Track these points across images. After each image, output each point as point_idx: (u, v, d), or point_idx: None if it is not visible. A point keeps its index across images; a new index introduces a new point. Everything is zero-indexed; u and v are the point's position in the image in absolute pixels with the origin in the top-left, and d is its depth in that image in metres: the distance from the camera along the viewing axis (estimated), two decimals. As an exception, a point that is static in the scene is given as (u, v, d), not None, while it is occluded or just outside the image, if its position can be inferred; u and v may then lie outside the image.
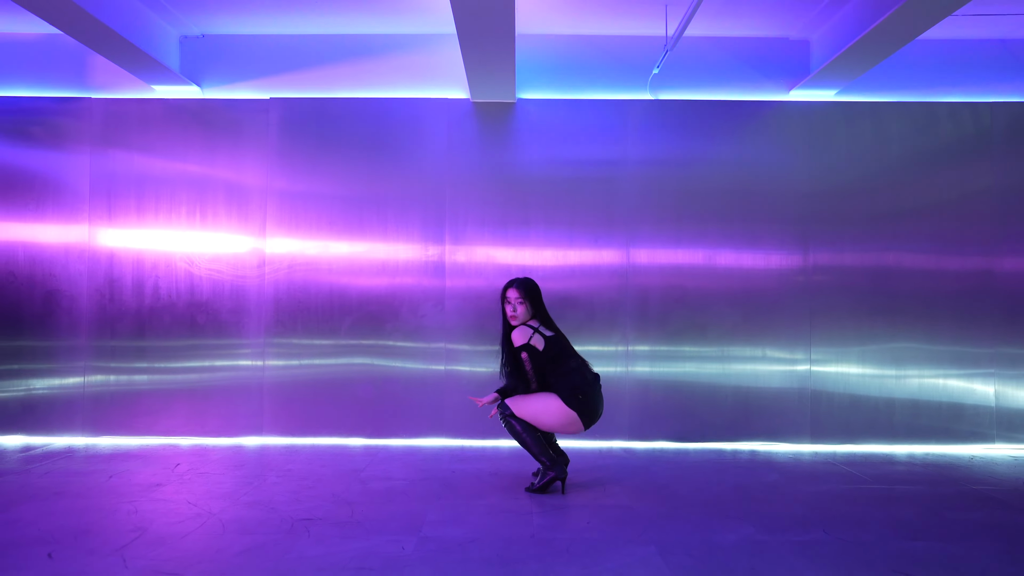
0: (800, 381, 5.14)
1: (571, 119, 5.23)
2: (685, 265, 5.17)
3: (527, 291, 3.94)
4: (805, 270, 5.16)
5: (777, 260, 5.17)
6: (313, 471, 4.25)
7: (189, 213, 5.20)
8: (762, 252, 5.17)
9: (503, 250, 5.17)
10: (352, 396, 5.17)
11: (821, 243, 5.16)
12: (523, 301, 3.91)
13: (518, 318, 3.91)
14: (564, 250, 5.13)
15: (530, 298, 3.93)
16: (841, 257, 5.17)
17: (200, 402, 5.18)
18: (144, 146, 5.21)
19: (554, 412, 3.77)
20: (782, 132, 5.19)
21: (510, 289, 3.95)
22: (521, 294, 3.92)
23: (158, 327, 5.18)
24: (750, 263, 5.17)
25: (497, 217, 5.16)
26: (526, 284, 3.96)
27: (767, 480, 4.14)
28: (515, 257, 5.16)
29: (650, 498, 3.71)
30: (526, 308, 3.92)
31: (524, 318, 3.92)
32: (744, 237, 5.17)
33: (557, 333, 3.94)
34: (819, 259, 5.16)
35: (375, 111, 5.23)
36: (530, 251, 5.17)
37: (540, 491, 3.80)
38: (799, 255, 5.17)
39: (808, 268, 5.16)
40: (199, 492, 3.73)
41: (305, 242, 5.19)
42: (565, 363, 3.84)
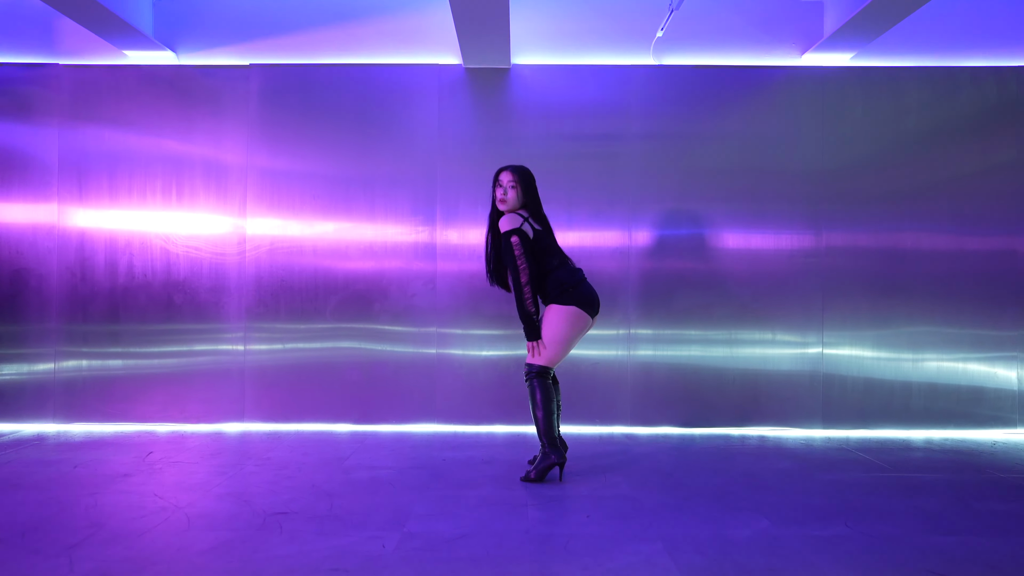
0: (812, 364, 4.87)
1: (569, 86, 4.92)
2: (690, 245, 4.88)
3: (521, 176, 3.66)
4: (817, 251, 4.87)
5: (788, 241, 4.88)
6: (294, 459, 3.98)
7: (165, 190, 4.90)
8: (772, 232, 4.87)
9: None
10: (339, 380, 4.90)
11: (835, 222, 4.87)
12: (515, 186, 3.63)
13: (507, 203, 3.63)
14: (563, 232, 4.83)
15: (523, 184, 3.65)
16: (855, 237, 4.87)
17: (179, 387, 4.91)
18: (117, 117, 4.90)
19: (559, 323, 3.56)
20: (794, 101, 4.89)
21: (503, 172, 3.67)
22: (514, 178, 3.64)
23: (133, 308, 4.90)
24: (759, 243, 4.88)
25: (489, 196, 4.85)
26: (520, 168, 3.69)
27: (779, 467, 3.88)
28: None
29: (655, 488, 3.45)
30: (517, 194, 3.63)
31: (514, 204, 3.63)
32: (753, 216, 4.87)
33: (547, 228, 3.70)
34: (832, 240, 4.87)
35: (362, 78, 4.92)
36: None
37: (537, 479, 3.53)
38: (811, 235, 4.87)
39: (821, 249, 4.86)
40: (168, 483, 3.47)
41: (288, 221, 4.90)
42: (548, 261, 3.62)
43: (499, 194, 3.64)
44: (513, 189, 3.62)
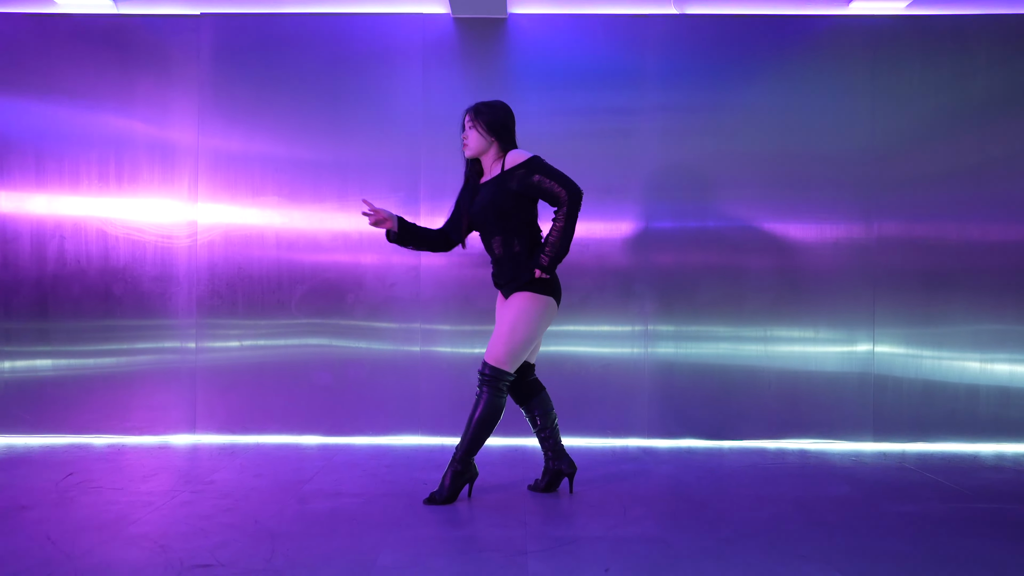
0: (861, 365, 4.14)
1: (576, 44, 4.19)
2: (718, 237, 4.15)
3: (476, 112, 3.02)
4: (867, 241, 4.13)
5: (833, 231, 4.15)
6: (243, 483, 3.27)
7: (102, 169, 4.16)
8: (814, 221, 4.14)
9: None
10: (306, 384, 4.18)
11: (888, 208, 4.13)
12: (473, 125, 3.01)
13: (469, 147, 3.05)
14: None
15: (485, 120, 3.00)
16: (912, 227, 4.14)
17: (120, 392, 4.19)
18: (44, 82, 4.15)
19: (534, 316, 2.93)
20: (839, 59, 4.15)
21: (466, 115, 3.06)
22: (470, 117, 3.02)
23: (64, 299, 4.17)
24: (799, 234, 4.15)
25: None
26: (481, 107, 3.03)
27: (836, 495, 3.16)
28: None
29: (687, 525, 2.73)
30: (478, 135, 3.01)
31: (477, 147, 3.03)
32: (791, 202, 4.14)
33: None
34: (885, 229, 4.14)
35: (333, 32, 4.19)
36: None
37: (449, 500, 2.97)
38: (860, 223, 4.14)
39: (871, 240, 4.13)
40: (72, 519, 2.74)
41: (247, 209, 4.17)
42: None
43: (463, 139, 3.07)
44: (472, 129, 3.02)
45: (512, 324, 2.91)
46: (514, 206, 2.94)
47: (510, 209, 2.94)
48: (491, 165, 3.06)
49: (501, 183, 2.95)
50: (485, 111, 3.01)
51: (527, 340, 2.92)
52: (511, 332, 2.90)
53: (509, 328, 2.91)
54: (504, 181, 2.95)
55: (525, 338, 2.91)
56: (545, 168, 2.92)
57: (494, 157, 3.04)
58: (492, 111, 3.02)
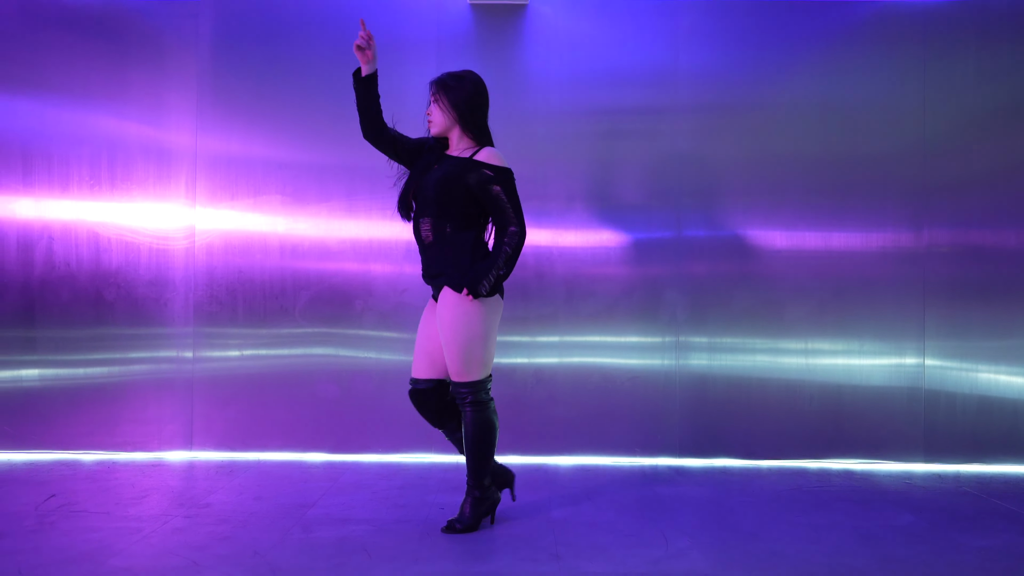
0: (910, 380, 3.83)
1: (602, 33, 3.90)
2: (756, 245, 3.85)
3: (444, 86, 2.68)
4: (917, 250, 3.83)
5: (879, 239, 3.84)
6: (242, 506, 2.96)
7: (93, 170, 3.87)
8: (859, 230, 3.84)
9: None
10: (311, 397, 3.88)
11: (940, 214, 3.82)
12: (441, 95, 2.68)
13: (434, 124, 2.72)
14: (598, 228, 3.84)
15: (451, 98, 2.66)
16: (967, 234, 3.84)
17: (111, 405, 3.89)
18: (31, 74, 3.85)
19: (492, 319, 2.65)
20: (888, 51, 3.85)
21: (431, 85, 2.74)
22: (438, 88, 2.69)
23: (53, 305, 3.88)
24: (843, 243, 3.85)
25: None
26: (445, 79, 2.70)
27: (899, 524, 2.84)
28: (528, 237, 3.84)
29: (740, 560, 2.41)
30: (441, 108, 2.69)
31: (442, 124, 2.71)
32: (835, 209, 3.84)
33: None
34: (937, 236, 3.83)
35: (340, 17, 3.90)
36: (547, 230, 3.86)
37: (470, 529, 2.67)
38: (909, 231, 3.83)
39: (921, 248, 3.83)
40: (49, 549, 2.44)
41: (245, 213, 3.89)
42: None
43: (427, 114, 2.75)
44: (435, 103, 2.70)
45: (465, 336, 2.58)
46: (464, 196, 2.61)
47: (459, 195, 2.61)
48: (457, 145, 2.74)
49: (463, 167, 2.62)
50: (452, 84, 2.69)
51: (486, 344, 2.63)
52: (467, 345, 2.59)
53: (462, 342, 2.59)
54: (467, 168, 2.62)
55: (484, 344, 2.62)
56: (511, 189, 2.63)
57: (459, 139, 2.72)
58: (460, 85, 2.69)
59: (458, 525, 2.65)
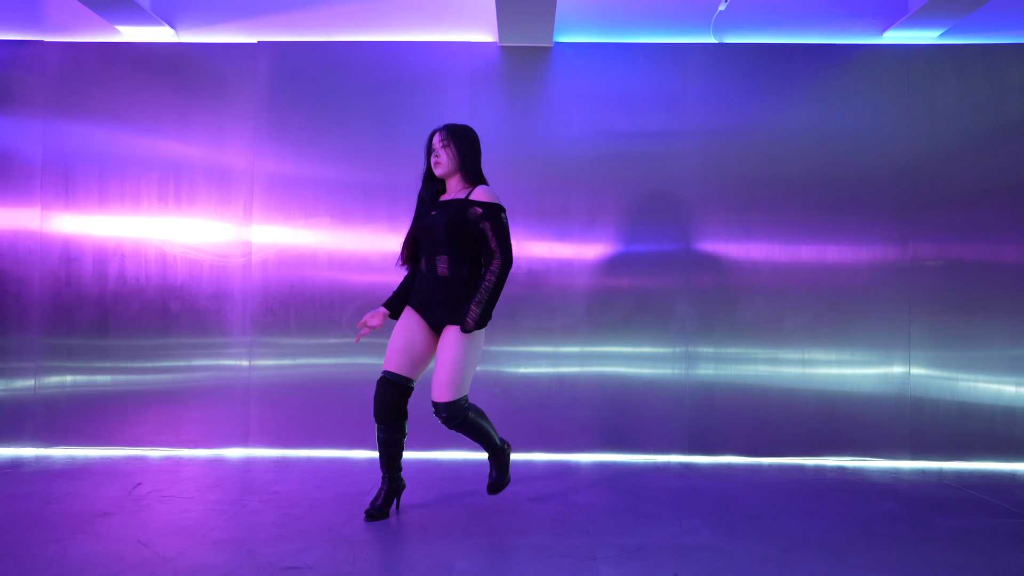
0: (897, 387, 4.24)
1: (618, 71, 4.34)
2: (758, 259, 4.27)
3: (451, 132, 3.05)
4: (903, 263, 4.25)
5: (869, 252, 4.26)
6: (307, 494, 3.38)
7: (162, 191, 4.33)
8: (851, 242, 4.25)
9: (537, 243, 4.27)
10: (355, 400, 4.30)
11: (924, 231, 4.25)
12: (447, 144, 3.03)
13: (441, 165, 3.04)
14: (614, 241, 4.28)
15: (457, 141, 3.04)
16: (948, 248, 4.26)
17: (176, 406, 4.32)
18: (108, 108, 4.32)
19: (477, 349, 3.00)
20: (873, 85, 4.29)
21: (435, 134, 3.08)
22: (446, 135, 3.04)
23: (124, 316, 4.31)
24: (836, 256, 4.27)
25: (530, 201, 4.27)
26: (454, 128, 3.08)
27: (883, 509, 3.25)
28: (552, 249, 4.28)
29: (744, 535, 2.83)
30: (450, 154, 3.04)
31: (448, 167, 3.05)
32: (828, 225, 4.26)
33: None
34: (921, 250, 4.25)
35: (384, 60, 4.36)
36: (570, 245, 4.29)
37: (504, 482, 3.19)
38: (896, 245, 4.26)
39: (907, 261, 4.25)
40: (156, 525, 2.86)
41: (298, 230, 4.32)
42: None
43: (433, 160, 3.08)
44: (445, 149, 3.04)
45: (456, 359, 2.91)
46: (467, 233, 2.98)
47: (465, 232, 2.97)
48: (455, 189, 3.08)
49: (463, 207, 2.97)
50: (459, 132, 3.07)
51: (470, 370, 2.96)
52: (457, 367, 2.91)
53: (453, 363, 2.91)
54: (464, 206, 2.97)
55: (469, 370, 2.95)
56: (498, 222, 2.95)
57: (458, 182, 3.07)
58: (465, 133, 3.08)
59: (499, 483, 3.12)
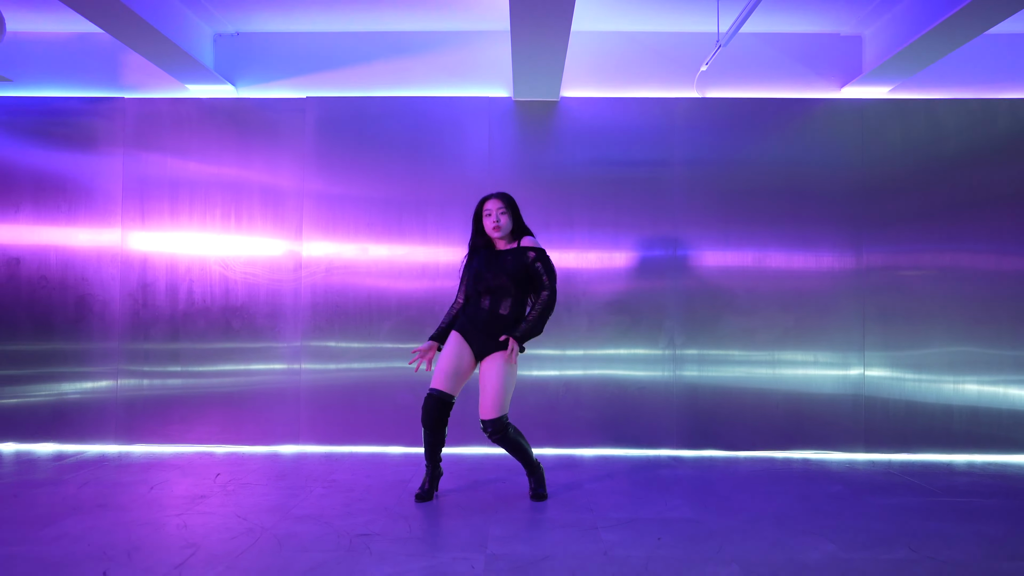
0: (854, 387, 4.98)
1: (615, 118, 5.08)
2: (734, 267, 5.02)
3: (507, 202, 3.73)
4: (858, 272, 5.00)
5: (829, 261, 5.01)
6: (359, 482, 4.11)
7: (224, 216, 5.07)
8: (813, 253, 5.01)
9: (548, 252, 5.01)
10: (391, 402, 5.03)
11: (875, 243, 5.00)
12: (505, 212, 3.70)
13: (502, 228, 3.70)
14: (609, 251, 5.00)
15: (511, 209, 3.73)
16: (896, 258, 5.01)
17: (235, 408, 5.05)
18: (178, 148, 5.08)
19: (513, 371, 3.65)
20: (833, 129, 5.03)
21: (490, 201, 3.71)
22: (503, 204, 3.70)
23: (192, 332, 5.05)
24: (801, 264, 5.02)
25: (540, 219, 5.00)
26: (504, 195, 3.75)
27: (831, 491, 3.98)
28: (559, 260, 5.01)
29: (716, 511, 3.56)
30: (509, 219, 3.71)
31: (507, 230, 3.72)
32: (795, 238, 5.02)
33: None
34: (873, 260, 5.00)
35: (414, 110, 5.10)
36: (574, 253, 5.03)
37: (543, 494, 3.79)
38: (852, 256, 5.01)
39: (861, 270, 5.00)
40: (246, 505, 3.59)
41: (343, 245, 5.06)
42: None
43: (489, 224, 3.69)
44: (504, 215, 3.70)
45: (502, 383, 3.57)
46: (526, 276, 3.71)
47: (524, 278, 3.71)
48: (504, 242, 3.75)
49: (520, 255, 3.69)
50: (511, 200, 3.75)
51: (510, 391, 3.62)
52: (502, 390, 3.56)
53: (500, 387, 3.56)
54: (521, 254, 3.69)
55: (509, 391, 3.61)
56: (547, 261, 3.69)
57: (509, 237, 3.75)
58: (512, 200, 3.76)
59: (539, 492, 3.77)
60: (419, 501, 3.68)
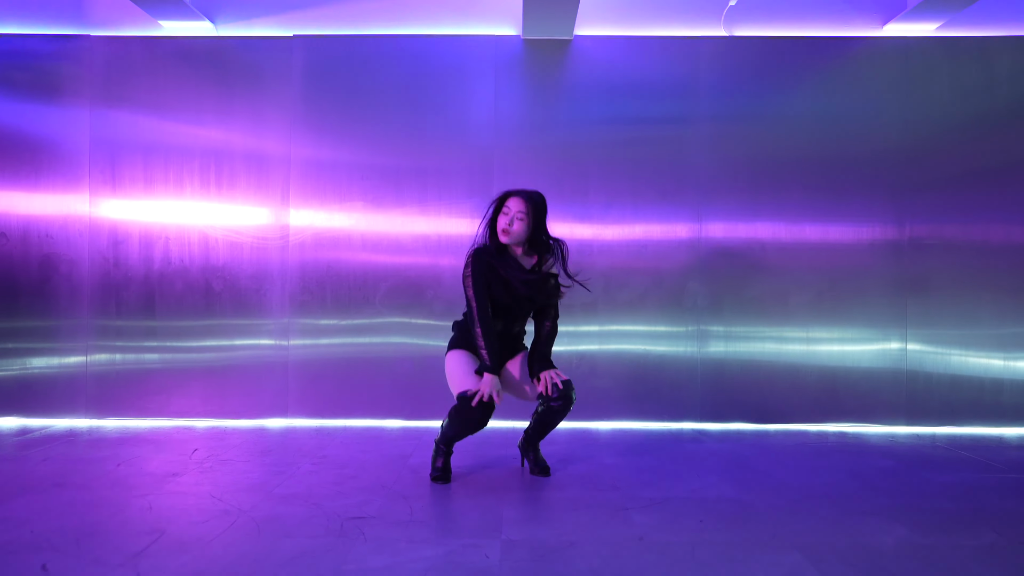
0: (894, 362, 4.54)
1: (634, 61, 4.60)
2: (764, 239, 4.56)
3: (535, 207, 3.13)
4: (900, 243, 4.54)
5: (868, 231, 4.55)
6: (353, 457, 3.68)
7: (203, 177, 4.58)
8: (851, 223, 4.54)
9: (558, 224, 4.52)
10: (389, 373, 4.59)
11: (919, 211, 4.53)
12: (525, 218, 3.11)
13: (511, 235, 3.12)
14: (628, 224, 4.55)
15: (534, 218, 3.13)
16: (941, 228, 4.54)
17: (218, 380, 4.60)
18: (151, 99, 4.58)
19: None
20: (874, 74, 4.56)
21: (514, 199, 3.13)
22: (527, 208, 3.11)
23: (169, 295, 4.59)
24: (837, 236, 4.55)
25: (552, 184, 4.52)
26: (535, 197, 3.15)
27: (882, 466, 3.56)
28: (571, 231, 4.55)
29: (758, 489, 3.13)
30: (524, 228, 3.13)
31: (518, 238, 3.15)
32: (830, 206, 4.54)
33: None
34: (917, 230, 4.54)
35: (413, 51, 4.61)
36: (591, 226, 4.56)
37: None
38: (893, 225, 4.54)
39: (903, 241, 4.54)
40: (223, 483, 3.16)
41: (332, 214, 4.58)
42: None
43: (502, 223, 3.14)
44: (521, 222, 3.13)
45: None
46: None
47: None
48: (521, 251, 3.23)
49: (545, 283, 3.23)
50: (539, 205, 3.14)
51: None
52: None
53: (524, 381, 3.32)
54: (546, 280, 3.23)
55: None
56: (560, 292, 3.30)
57: (525, 246, 3.23)
58: (542, 205, 3.16)
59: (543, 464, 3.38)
60: (436, 482, 3.23)
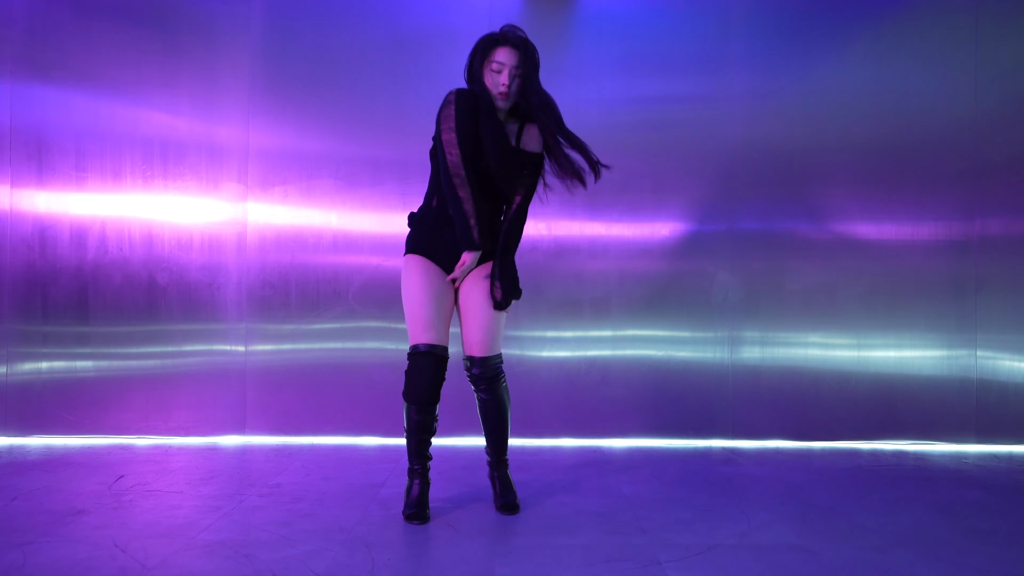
0: (961, 371, 3.84)
1: (654, 21, 3.91)
2: (806, 236, 3.87)
3: (531, 59, 2.52)
4: (968, 241, 3.84)
5: (930, 229, 3.85)
6: (313, 486, 2.98)
7: (147, 163, 3.88)
8: (910, 219, 3.85)
9: (566, 221, 3.86)
10: (365, 383, 3.89)
11: (992, 202, 3.84)
12: (521, 72, 2.52)
13: (510, 97, 2.54)
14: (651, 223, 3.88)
15: (534, 81, 2.54)
16: (1019, 222, 3.85)
17: (163, 391, 3.90)
18: (84, 68, 3.83)
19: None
20: (938, 30, 3.85)
21: (503, 49, 2.51)
22: (520, 59, 2.50)
23: (106, 289, 3.89)
24: (893, 233, 3.86)
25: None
26: (531, 49, 2.53)
27: (970, 499, 2.86)
28: (580, 229, 3.88)
29: (826, 532, 2.43)
30: (516, 92, 2.56)
31: (514, 99, 2.57)
32: (883, 197, 3.85)
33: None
34: (989, 226, 3.84)
35: (393, 7, 3.92)
36: (601, 223, 3.89)
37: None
38: (960, 221, 3.84)
39: (973, 239, 3.84)
40: (137, 525, 2.45)
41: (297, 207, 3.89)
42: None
43: (500, 80, 2.51)
44: (517, 80, 2.54)
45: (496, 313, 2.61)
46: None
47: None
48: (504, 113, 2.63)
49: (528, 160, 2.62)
50: (537, 60, 2.55)
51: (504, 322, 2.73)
52: (496, 319, 2.61)
53: (493, 315, 2.60)
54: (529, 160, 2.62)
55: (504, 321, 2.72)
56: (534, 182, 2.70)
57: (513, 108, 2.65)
58: (536, 57, 2.56)
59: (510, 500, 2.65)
60: (410, 522, 2.53)
